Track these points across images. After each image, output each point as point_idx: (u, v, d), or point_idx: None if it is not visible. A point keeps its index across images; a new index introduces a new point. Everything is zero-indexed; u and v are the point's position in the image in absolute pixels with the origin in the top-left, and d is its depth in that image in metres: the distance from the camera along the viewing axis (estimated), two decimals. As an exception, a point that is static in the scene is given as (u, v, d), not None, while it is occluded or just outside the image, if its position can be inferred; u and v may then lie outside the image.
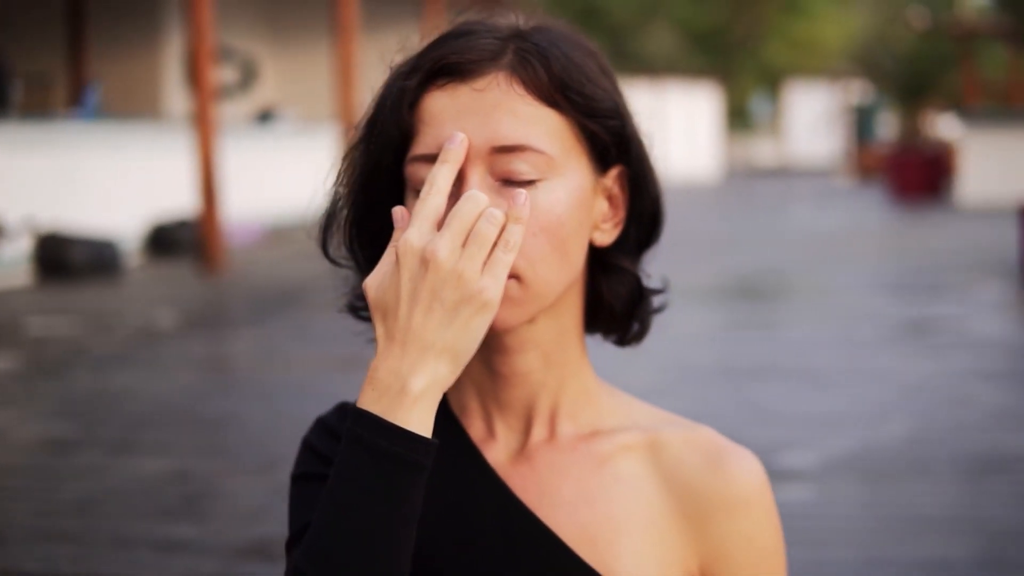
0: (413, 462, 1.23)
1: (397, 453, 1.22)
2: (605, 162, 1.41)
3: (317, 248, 1.50)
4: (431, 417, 1.25)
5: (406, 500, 1.23)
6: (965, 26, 29.09)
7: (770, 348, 8.27)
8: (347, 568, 1.21)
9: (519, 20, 1.46)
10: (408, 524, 1.23)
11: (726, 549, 1.43)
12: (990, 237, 15.35)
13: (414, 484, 1.23)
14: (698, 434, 1.46)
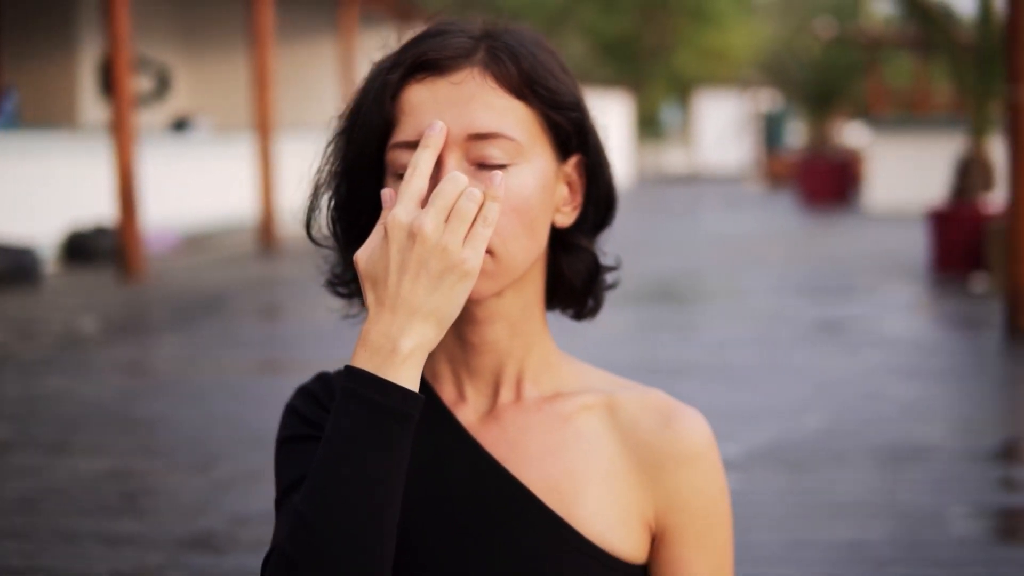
0: (404, 413, 1.38)
1: (389, 406, 1.37)
2: (566, 151, 1.57)
3: (237, 254, 1.64)
4: (418, 374, 1.40)
5: (397, 447, 1.38)
6: (870, 35, 29.58)
7: (689, 348, 8.48)
8: (345, 509, 1.36)
9: (488, 22, 1.61)
10: (399, 469, 1.38)
11: (678, 499, 1.58)
12: (897, 241, 15.71)
13: (404, 433, 1.38)
14: (650, 396, 1.62)
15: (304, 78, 22.35)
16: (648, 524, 1.59)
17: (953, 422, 6.24)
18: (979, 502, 4.94)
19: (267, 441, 5.71)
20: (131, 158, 12.69)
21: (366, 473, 1.37)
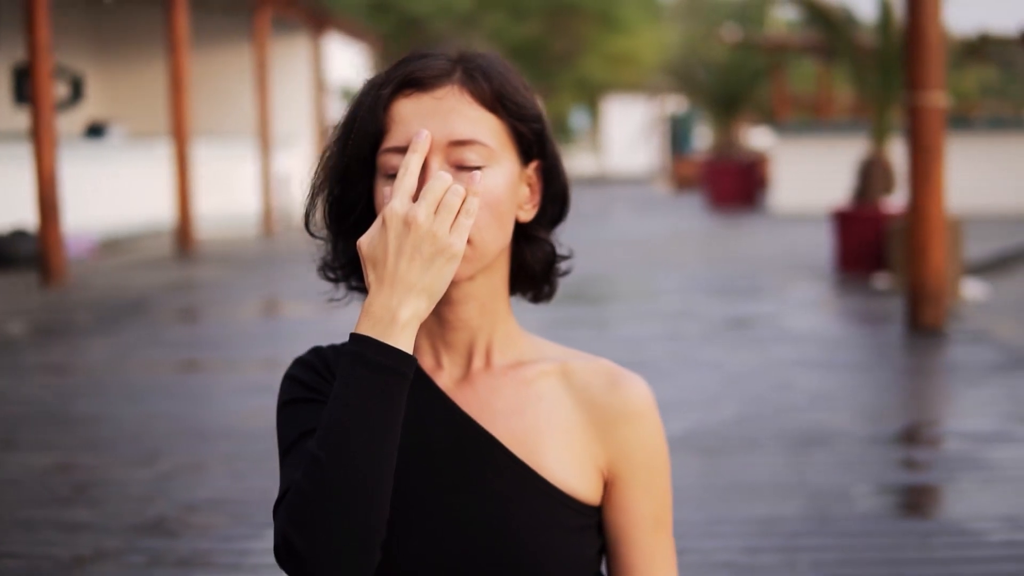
0: (402, 372, 1.67)
1: (390, 366, 1.66)
2: (528, 156, 1.87)
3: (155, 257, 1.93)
4: (412, 340, 1.68)
5: (396, 400, 1.67)
6: (775, 41, 30.16)
7: (602, 345, 8.79)
8: (353, 451, 1.64)
9: (461, 49, 1.91)
10: (397, 418, 1.67)
11: (625, 450, 1.88)
12: (802, 241, 16.16)
13: (401, 389, 1.67)
14: (598, 363, 1.92)
15: (220, 85, 22.48)
16: (601, 471, 1.88)
17: (858, 409, 6.61)
18: (882, 481, 5.30)
19: (205, 434, 6.00)
20: (52, 164, 12.81)
21: (370, 421, 1.65)
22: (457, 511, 1.80)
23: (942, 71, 8.92)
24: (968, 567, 4.15)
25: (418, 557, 1.78)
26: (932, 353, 8.40)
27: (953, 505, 4.95)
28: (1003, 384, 7.17)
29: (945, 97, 9.04)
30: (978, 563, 4.19)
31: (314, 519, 1.63)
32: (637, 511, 1.89)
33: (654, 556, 1.90)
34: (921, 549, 4.37)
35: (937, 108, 8.87)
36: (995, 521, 4.60)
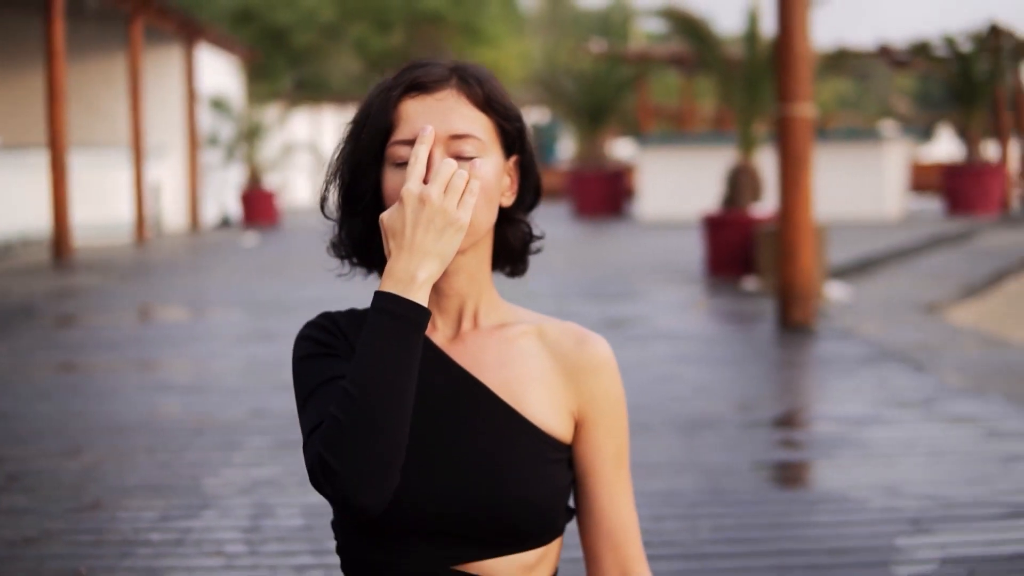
0: (420, 323, 2.03)
1: (411, 317, 2.02)
2: (510, 151, 2.24)
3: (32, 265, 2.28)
4: (427, 297, 2.04)
5: (414, 346, 2.02)
6: (639, 54, 30.84)
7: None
8: (380, 387, 1.99)
9: (454, 60, 2.27)
10: (415, 361, 2.02)
11: (592, 397, 2.25)
12: (671, 248, 16.72)
13: (419, 336, 2.03)
14: (567, 324, 2.30)
15: (93, 95, 22.50)
16: (572, 414, 2.25)
17: (738, 398, 7.07)
18: (767, 458, 5.77)
19: (122, 428, 6.27)
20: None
21: (393, 363, 2.01)
22: (454, 447, 2.15)
23: (810, 83, 9.46)
24: (851, 529, 4.60)
25: (421, 487, 2.13)
26: (803, 348, 8.92)
27: (833, 478, 5.41)
28: (871, 375, 7.68)
29: (813, 108, 9.58)
30: (860, 526, 4.63)
31: (348, 443, 1.98)
32: (602, 448, 2.26)
33: (616, 486, 2.27)
34: (808, 514, 4.82)
35: (805, 118, 9.40)
36: (873, 490, 5.06)
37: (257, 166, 24.55)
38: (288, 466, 5.56)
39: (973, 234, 20.84)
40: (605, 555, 2.28)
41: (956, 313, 12.49)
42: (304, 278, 14.16)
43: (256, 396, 7.25)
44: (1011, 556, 4.23)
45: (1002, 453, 5.71)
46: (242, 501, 5.04)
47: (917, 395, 7.04)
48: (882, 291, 13.08)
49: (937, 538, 4.44)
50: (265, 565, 4.27)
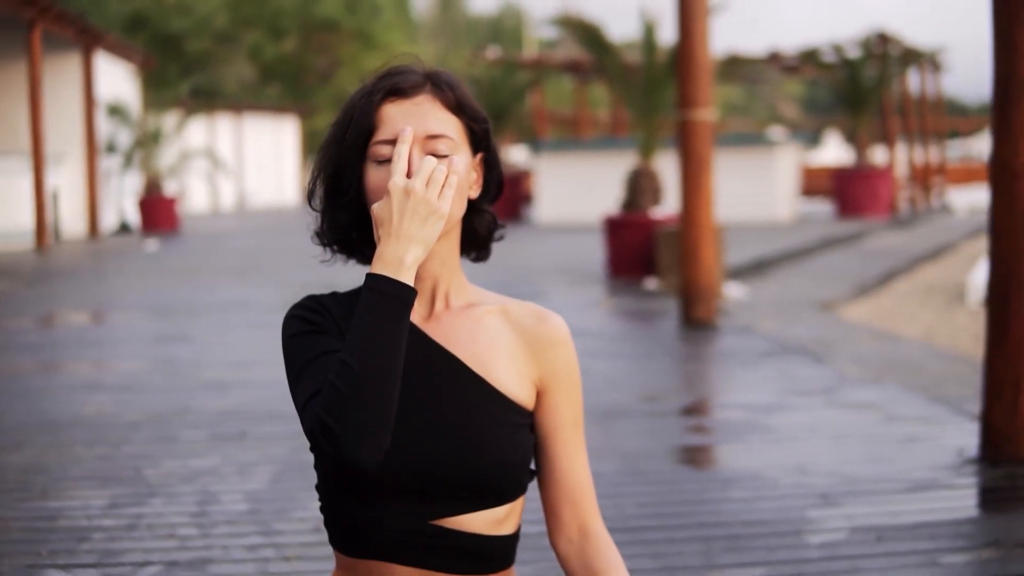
0: (408, 301, 2.30)
1: (400, 296, 2.29)
2: (477, 149, 2.52)
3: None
4: (413, 278, 2.31)
5: (403, 321, 2.29)
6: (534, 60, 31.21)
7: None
8: (373, 358, 2.25)
9: (427, 68, 2.54)
10: (404, 335, 2.29)
11: (552, 368, 2.53)
12: (571, 250, 17.08)
13: (407, 313, 2.30)
14: (528, 304, 2.58)
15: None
16: (534, 384, 2.52)
17: (649, 390, 7.40)
18: (681, 443, 6.12)
19: (58, 426, 6.42)
20: None
21: (385, 336, 2.27)
22: (431, 414, 2.42)
23: (710, 89, 9.84)
24: (765, 504, 4.93)
25: (402, 450, 2.39)
26: (707, 343, 9.28)
27: (745, 459, 5.74)
28: (773, 367, 8.06)
29: (713, 113, 9.95)
30: (773, 500, 4.97)
31: (346, 408, 2.25)
32: (561, 414, 2.54)
33: (573, 448, 2.56)
34: (724, 491, 5.14)
35: (707, 123, 9.77)
36: (782, 470, 5.41)
37: (156, 172, 24.57)
38: (225, 457, 5.79)
39: (863, 236, 21.44)
40: (564, 510, 2.55)
41: (849, 311, 12.96)
42: (211, 282, 14.32)
43: (183, 393, 7.44)
44: (913, 525, 4.58)
45: (900, 435, 6.08)
46: (186, 489, 5.26)
47: (818, 385, 7.42)
48: (777, 290, 13.52)
49: (845, 510, 4.79)
50: (218, 546, 4.50)
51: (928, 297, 15.02)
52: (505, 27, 78.37)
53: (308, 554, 4.38)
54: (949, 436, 6.00)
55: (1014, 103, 5.24)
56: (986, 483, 5.22)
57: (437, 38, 65.26)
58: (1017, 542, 4.40)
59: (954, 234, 23.56)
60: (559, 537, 2.56)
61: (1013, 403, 5.36)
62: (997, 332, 5.41)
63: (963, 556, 4.26)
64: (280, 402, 7.06)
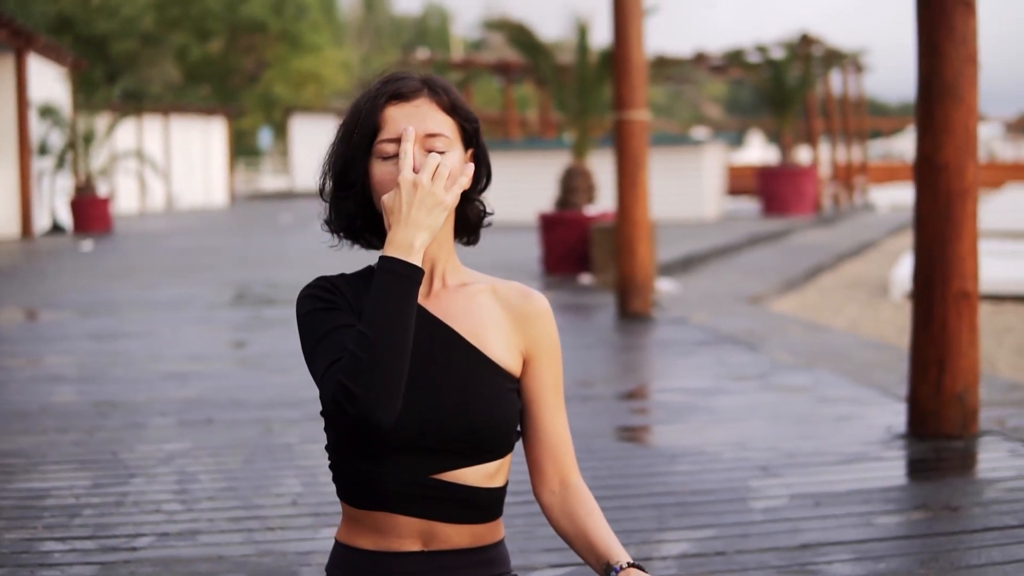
0: (417, 279, 2.63)
1: (410, 275, 2.63)
2: (468, 145, 2.86)
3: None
4: (421, 260, 2.65)
5: (413, 298, 2.63)
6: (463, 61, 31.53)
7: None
8: (388, 329, 2.58)
9: (423, 74, 2.88)
10: (413, 310, 2.62)
11: (536, 339, 2.87)
12: (503, 247, 17.45)
13: (416, 291, 2.63)
14: (513, 283, 2.92)
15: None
16: (522, 353, 2.87)
17: (590, 377, 7.77)
18: (627, 424, 6.51)
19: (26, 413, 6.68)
20: None
21: (398, 310, 2.61)
22: (433, 380, 2.75)
23: (645, 90, 10.22)
24: (710, 475, 5.30)
25: (407, 411, 2.73)
26: (644, 334, 9.67)
27: (688, 437, 6.10)
28: (709, 355, 8.45)
29: (648, 113, 10.34)
30: (717, 472, 5.35)
31: (365, 373, 2.58)
32: (544, 379, 2.88)
33: (555, 410, 2.90)
34: (671, 465, 5.51)
35: (642, 122, 10.16)
36: (724, 446, 5.79)
37: (90, 173, 24.68)
38: (196, 441, 6.09)
39: (789, 233, 21.96)
40: (547, 465, 2.89)
41: (777, 304, 13.41)
42: (153, 281, 14.54)
43: (144, 384, 7.71)
44: (848, 492, 4.97)
45: (832, 415, 6.49)
46: (164, 470, 5.56)
47: (753, 370, 7.83)
48: (707, 285, 13.95)
49: (784, 480, 5.18)
50: (203, 519, 4.81)
51: (853, 291, 15.52)
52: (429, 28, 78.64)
53: (289, 524, 4.71)
54: (877, 415, 6.41)
55: (936, 103, 5.66)
56: (913, 456, 5.63)
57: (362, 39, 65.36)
58: (944, 505, 4.81)
59: (877, 231, 24.18)
60: (543, 489, 2.89)
61: (937, 382, 5.78)
62: (922, 316, 5.82)
63: (895, 518, 4.66)
64: (242, 391, 7.38)
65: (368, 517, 2.75)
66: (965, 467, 5.47)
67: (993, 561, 4.09)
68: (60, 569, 4.20)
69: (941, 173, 5.68)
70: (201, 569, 4.18)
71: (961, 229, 5.70)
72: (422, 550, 2.77)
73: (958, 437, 5.77)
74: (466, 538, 2.80)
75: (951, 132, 5.65)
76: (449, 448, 2.73)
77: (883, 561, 4.15)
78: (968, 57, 5.64)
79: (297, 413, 6.72)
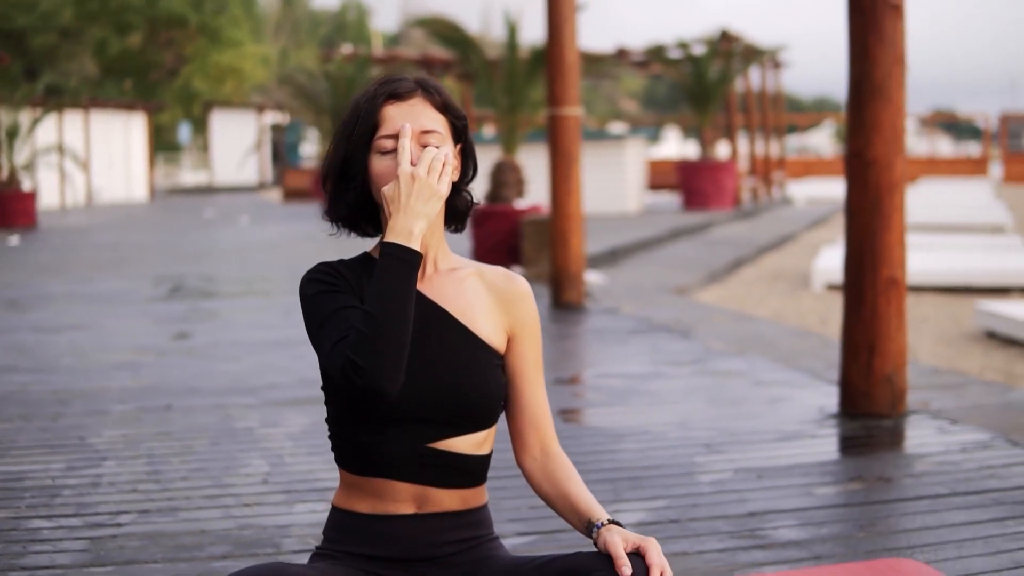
0: (416, 263, 2.90)
1: (410, 259, 2.90)
2: (457, 140, 3.13)
3: None
4: (419, 245, 2.93)
5: (412, 280, 2.90)
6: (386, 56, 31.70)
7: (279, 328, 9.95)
8: (391, 308, 2.84)
9: (416, 75, 3.15)
10: (413, 291, 2.89)
11: (519, 319, 3.15)
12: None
13: (415, 273, 2.90)
14: (497, 268, 3.19)
15: None
16: (506, 331, 3.14)
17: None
18: (568, 407, 6.80)
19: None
20: None
21: (399, 291, 2.87)
22: (428, 358, 3.01)
23: (578, 87, 10.53)
24: (657, 452, 5.61)
25: (405, 386, 2.99)
26: (579, 323, 9.98)
27: (632, 418, 6.41)
28: (644, 342, 8.78)
29: (580, 109, 10.65)
30: (663, 449, 5.66)
31: (372, 348, 2.84)
32: (527, 356, 3.16)
33: (536, 384, 3.17)
34: (619, 443, 5.82)
35: (575, 118, 10.46)
36: (668, 426, 6.12)
37: (14, 168, 24.65)
38: (159, 426, 6.31)
39: (710, 226, 22.39)
40: (529, 434, 3.17)
41: (701, 296, 13.78)
42: (85, 275, 14.65)
43: (98, 374, 7.90)
44: (788, 466, 5.31)
45: (767, 397, 6.83)
46: (133, 453, 5.78)
47: (687, 357, 8.16)
48: (633, 277, 14.28)
49: (727, 456, 5.50)
50: (180, 496, 5.04)
51: (774, 283, 15.92)
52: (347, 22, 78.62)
53: (264, 501, 4.95)
54: (810, 397, 6.76)
55: (867, 103, 6.01)
56: (846, 433, 5.98)
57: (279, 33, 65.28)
58: (877, 477, 5.16)
59: (795, 224, 24.69)
60: (525, 456, 3.17)
61: (868, 364, 6.13)
62: (854, 302, 6.17)
63: (833, 488, 5.00)
64: (195, 379, 7.60)
65: (367, 483, 3.01)
66: (895, 443, 5.83)
67: (927, 526, 4.44)
68: (51, 544, 4.42)
69: (871, 168, 6.03)
70: (187, 542, 4.42)
71: (890, 221, 6.06)
72: (416, 512, 3.03)
73: (887, 416, 6.13)
74: (456, 501, 3.07)
75: (880, 130, 6.00)
76: (444, 419, 2.99)
77: (825, 527, 4.48)
78: (896, 59, 6.00)
79: (253, 399, 6.95)
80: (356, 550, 3.06)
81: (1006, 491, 4.88)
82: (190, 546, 4.38)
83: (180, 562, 4.20)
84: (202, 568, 4.13)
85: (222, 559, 4.22)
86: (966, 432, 5.89)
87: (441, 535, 3.06)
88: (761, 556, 4.16)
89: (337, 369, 2.86)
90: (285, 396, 7.04)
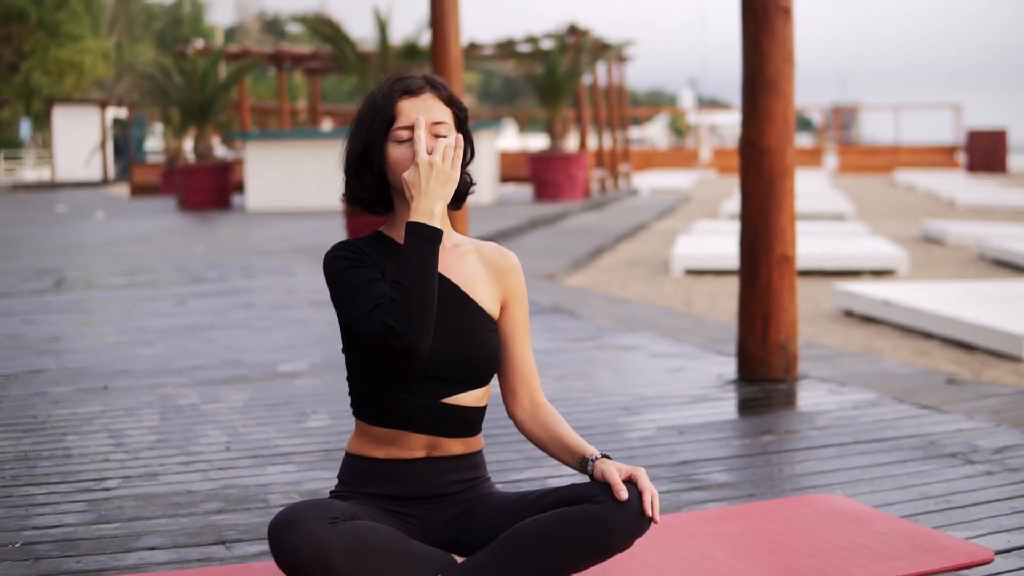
0: (438, 239, 3.39)
1: (433, 236, 3.39)
2: (459, 129, 3.63)
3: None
4: (439, 223, 3.42)
5: (436, 254, 3.39)
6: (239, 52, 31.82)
7: (181, 319, 10.29)
8: (419, 278, 3.34)
9: (425, 73, 3.65)
10: (436, 263, 3.39)
11: (510, 288, 3.67)
12: (296, 232, 18.03)
13: (438, 248, 3.40)
14: (491, 244, 3.71)
15: None
16: (500, 300, 3.65)
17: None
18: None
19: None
20: None
21: (426, 264, 3.37)
22: (440, 324, 3.50)
23: (462, 84, 11.02)
24: (583, 416, 6.13)
25: (426, 347, 3.49)
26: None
27: (548, 387, 6.87)
28: (538, 323, 9.31)
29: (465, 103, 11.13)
30: (588, 413, 6.19)
31: (406, 314, 3.32)
32: (517, 320, 3.67)
33: (525, 344, 3.69)
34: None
35: (460, 111, 10.93)
36: (585, 393, 6.66)
37: None
38: (104, 404, 6.64)
39: (564, 216, 23.05)
40: (520, 388, 3.69)
41: (568, 282, 14.36)
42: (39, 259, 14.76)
43: (23, 359, 8.14)
44: (703, 424, 5.90)
45: (667, 367, 7.43)
46: (92, 428, 6.10)
47: (583, 334, 8.73)
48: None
49: (647, 417, 6.07)
50: (155, 463, 5.42)
51: (633, 269, 16.58)
52: (183, 16, 77.99)
53: (235, 465, 5.37)
54: (706, 366, 7.37)
55: (760, 95, 6.62)
56: (747, 396, 6.59)
57: (115, 28, 64.62)
58: (785, 430, 5.77)
59: (645, 214, 25.48)
60: (516, 408, 3.70)
61: (763, 333, 6.75)
62: (749, 277, 6.79)
63: (748, 440, 5.61)
64: (121, 362, 7.92)
65: (386, 434, 3.50)
66: (793, 403, 6.45)
67: (840, 468, 5.06)
68: (51, 507, 4.78)
69: (764, 155, 6.64)
70: (180, 500, 4.84)
71: (781, 203, 6.68)
72: (426, 455, 3.54)
73: (783, 380, 6.77)
74: (460, 447, 3.59)
75: (772, 120, 6.62)
76: (455, 377, 3.51)
77: (750, 471, 5.07)
78: (786, 56, 6.62)
79: (185, 379, 7.32)
80: (372, 491, 3.56)
81: (902, 439, 5.54)
82: (184, 504, 4.79)
83: (180, 517, 4.61)
84: (204, 522, 4.55)
85: (219, 513, 4.65)
86: (855, 393, 6.55)
87: (448, 475, 3.57)
88: (702, 496, 4.72)
89: (375, 333, 3.32)
90: (216, 375, 7.42)
